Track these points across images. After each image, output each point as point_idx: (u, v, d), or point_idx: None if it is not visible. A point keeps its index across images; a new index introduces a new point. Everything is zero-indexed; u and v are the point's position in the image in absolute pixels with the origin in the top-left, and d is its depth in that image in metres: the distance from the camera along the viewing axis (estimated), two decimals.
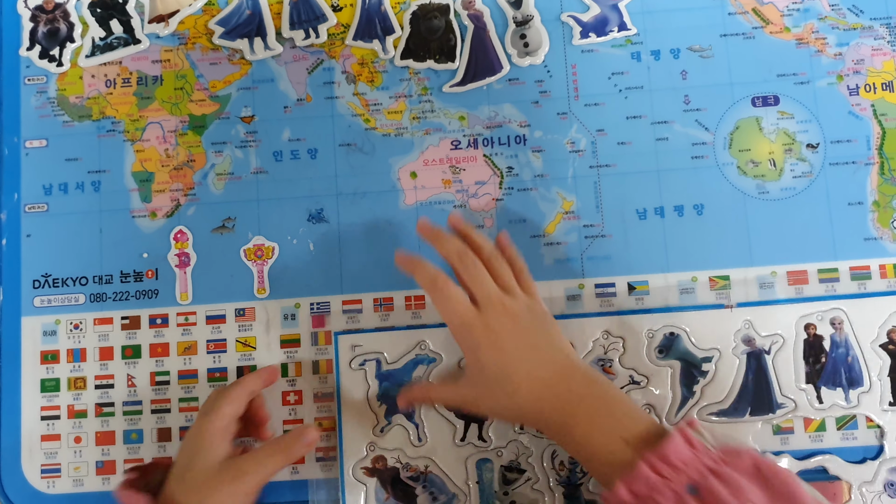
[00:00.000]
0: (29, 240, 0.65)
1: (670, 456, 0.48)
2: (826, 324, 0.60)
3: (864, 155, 0.63)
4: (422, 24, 0.65)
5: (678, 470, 0.47)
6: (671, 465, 0.47)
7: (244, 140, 0.65)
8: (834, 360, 0.60)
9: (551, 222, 0.64)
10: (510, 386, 0.53)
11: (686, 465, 0.47)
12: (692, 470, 0.47)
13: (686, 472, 0.47)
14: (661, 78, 0.65)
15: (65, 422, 0.63)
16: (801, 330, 0.60)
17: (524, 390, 0.53)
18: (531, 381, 0.53)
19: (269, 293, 0.63)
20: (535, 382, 0.53)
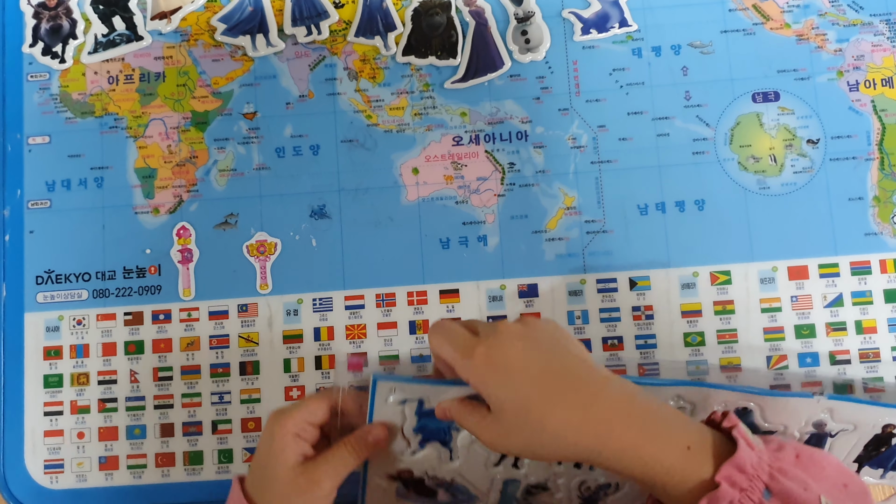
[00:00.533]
0: (32, 236, 0.65)
1: (745, 465, 0.44)
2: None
3: (864, 150, 0.64)
4: (423, 21, 0.66)
5: (752, 478, 0.44)
6: (746, 474, 0.44)
7: (246, 136, 0.65)
8: (892, 451, 0.58)
9: (553, 218, 0.64)
10: (532, 423, 0.46)
11: (757, 470, 0.45)
12: (763, 473, 0.45)
13: (759, 477, 0.44)
14: (661, 74, 0.65)
15: (68, 417, 0.63)
16: (879, 428, 0.57)
17: (552, 425, 0.46)
18: (559, 413, 0.46)
19: (271, 289, 0.64)
20: (564, 413, 0.46)
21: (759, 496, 0.44)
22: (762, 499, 0.44)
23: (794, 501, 0.44)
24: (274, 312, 0.63)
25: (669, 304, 0.62)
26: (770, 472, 0.45)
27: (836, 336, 0.62)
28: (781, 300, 0.62)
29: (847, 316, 0.62)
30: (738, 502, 0.44)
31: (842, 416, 0.57)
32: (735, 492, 0.44)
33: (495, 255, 0.63)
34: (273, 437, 0.52)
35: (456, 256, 0.64)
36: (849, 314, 0.62)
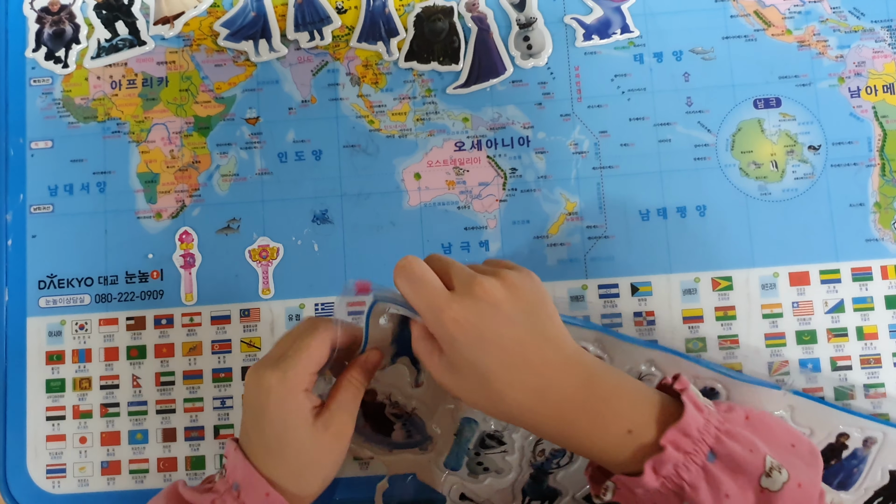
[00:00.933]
0: (34, 240, 0.65)
1: (691, 429, 0.45)
2: (860, 439, 0.58)
3: (865, 156, 0.64)
4: (426, 27, 0.66)
5: (697, 441, 0.45)
6: (691, 437, 0.45)
7: (249, 141, 0.65)
8: (840, 466, 0.58)
9: (554, 223, 0.64)
10: (491, 393, 0.46)
11: (703, 434, 0.45)
12: (708, 436, 0.45)
13: (705, 440, 0.45)
14: (663, 80, 0.65)
15: (70, 422, 0.63)
16: (833, 437, 0.58)
17: (508, 399, 0.46)
18: (516, 391, 0.46)
19: (273, 294, 0.64)
20: (521, 392, 0.46)
21: (702, 459, 0.44)
22: (706, 461, 0.44)
23: (739, 463, 0.44)
24: (276, 317, 0.63)
25: (671, 310, 0.62)
26: (716, 435, 0.45)
27: (837, 342, 0.62)
28: (783, 306, 0.62)
29: (848, 322, 0.62)
30: (682, 465, 0.44)
31: (801, 417, 0.58)
32: (679, 455, 0.44)
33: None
34: (284, 403, 0.48)
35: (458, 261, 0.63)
36: (850, 320, 0.62)
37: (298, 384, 0.48)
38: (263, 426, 0.48)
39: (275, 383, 0.48)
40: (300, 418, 0.48)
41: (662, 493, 0.45)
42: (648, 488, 0.45)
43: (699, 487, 0.44)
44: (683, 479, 0.44)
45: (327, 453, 0.49)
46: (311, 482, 0.49)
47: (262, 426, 0.48)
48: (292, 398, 0.48)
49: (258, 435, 0.49)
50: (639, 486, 0.45)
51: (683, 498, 0.44)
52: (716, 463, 0.45)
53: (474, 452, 0.58)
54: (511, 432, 0.58)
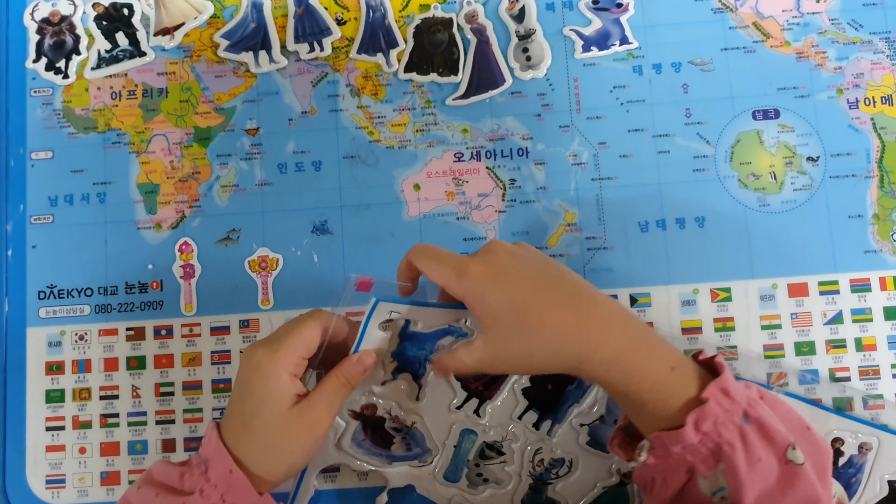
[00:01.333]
0: (34, 251, 0.65)
1: (730, 388, 0.45)
2: (855, 444, 0.59)
3: (863, 168, 0.64)
4: (425, 38, 0.66)
5: (734, 401, 0.45)
6: (730, 397, 0.45)
7: (249, 152, 0.66)
8: (838, 475, 0.59)
9: (554, 234, 0.64)
10: (531, 323, 0.46)
11: (739, 396, 0.45)
12: (742, 400, 0.45)
13: (740, 402, 0.45)
14: (662, 91, 0.65)
15: (69, 432, 0.63)
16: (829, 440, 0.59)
17: (550, 324, 0.46)
18: (556, 312, 0.47)
19: (273, 304, 0.64)
20: (559, 313, 0.47)
21: (738, 419, 0.45)
22: (742, 423, 0.45)
23: (768, 430, 0.45)
24: (275, 328, 0.63)
25: (670, 321, 0.62)
26: (749, 400, 0.45)
27: (835, 353, 0.62)
28: (781, 317, 0.62)
29: (847, 333, 0.62)
30: (721, 422, 0.44)
31: None
32: (720, 410, 0.44)
33: None
34: (267, 378, 0.49)
35: None
36: (848, 331, 0.62)
37: (285, 364, 0.49)
38: (244, 399, 0.50)
39: (263, 359, 0.49)
40: (279, 397, 0.49)
41: (699, 452, 0.45)
42: (688, 443, 0.44)
43: (736, 446, 0.44)
44: (722, 437, 0.44)
45: (297, 439, 0.50)
46: (276, 464, 0.50)
47: (243, 400, 0.50)
48: (276, 377, 0.49)
49: (238, 408, 0.50)
50: (678, 441, 0.44)
51: (719, 458, 0.44)
52: (749, 426, 0.45)
53: (474, 464, 0.58)
54: (510, 443, 0.58)
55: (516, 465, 0.59)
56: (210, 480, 0.49)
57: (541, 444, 0.58)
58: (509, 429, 0.58)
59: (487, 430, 0.58)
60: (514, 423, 0.58)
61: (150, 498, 0.49)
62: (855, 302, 0.62)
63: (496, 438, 0.58)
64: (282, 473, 0.50)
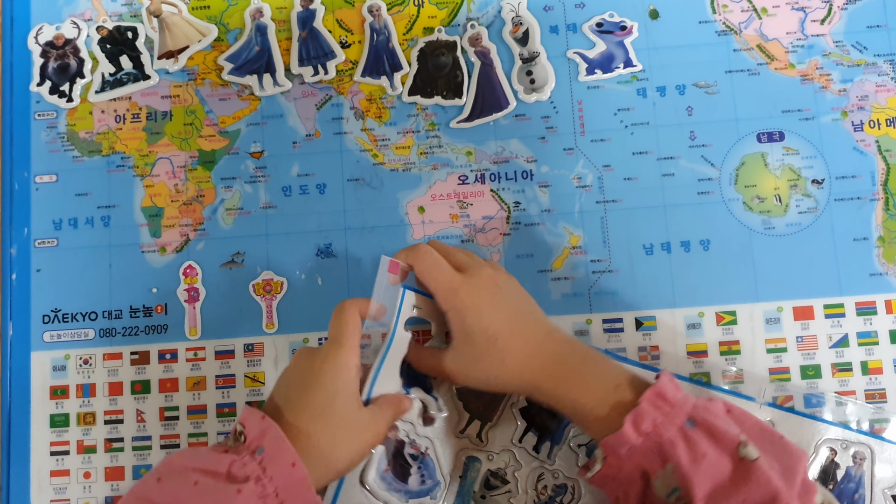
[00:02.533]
0: (39, 274, 0.65)
1: (667, 393, 0.50)
2: (848, 455, 0.59)
3: (868, 190, 0.64)
4: (429, 61, 0.66)
5: (675, 406, 0.49)
6: (668, 401, 0.49)
7: (253, 175, 0.66)
8: (840, 492, 0.58)
9: (558, 257, 0.64)
10: (497, 352, 0.53)
11: (680, 402, 0.50)
12: (686, 405, 0.50)
13: (682, 408, 0.49)
14: (666, 114, 0.65)
15: (74, 457, 0.63)
16: (821, 452, 0.58)
17: (512, 353, 0.53)
18: (518, 344, 0.53)
19: (277, 328, 0.64)
20: (522, 345, 0.53)
21: (681, 422, 0.49)
22: (684, 425, 0.49)
23: (716, 431, 0.48)
24: (280, 352, 0.63)
25: (675, 344, 0.62)
26: (694, 406, 0.50)
27: (841, 377, 0.62)
28: (787, 340, 0.62)
29: (853, 356, 0.62)
30: (660, 423, 0.49)
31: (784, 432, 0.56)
32: (657, 413, 0.49)
33: None
34: (339, 371, 0.51)
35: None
36: (854, 355, 0.62)
37: (353, 357, 0.52)
38: (314, 392, 0.51)
39: (331, 352, 0.52)
40: (352, 390, 0.52)
41: (644, 453, 0.49)
42: (631, 443, 0.49)
43: (678, 444, 0.48)
44: (662, 437, 0.48)
45: (365, 437, 0.52)
46: (342, 455, 0.51)
47: (311, 393, 0.51)
48: (347, 370, 0.52)
49: (304, 401, 0.51)
50: (622, 442, 0.49)
51: (665, 458, 0.48)
52: (695, 429, 0.49)
53: (480, 496, 0.58)
54: (514, 470, 0.58)
55: (521, 494, 0.59)
56: (266, 472, 0.48)
57: (542, 469, 0.59)
58: (510, 452, 0.59)
59: (491, 456, 0.58)
60: (515, 448, 0.59)
61: (184, 487, 0.47)
62: (861, 325, 0.62)
63: (499, 465, 0.58)
64: (343, 464, 0.52)
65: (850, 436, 0.59)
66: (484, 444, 0.59)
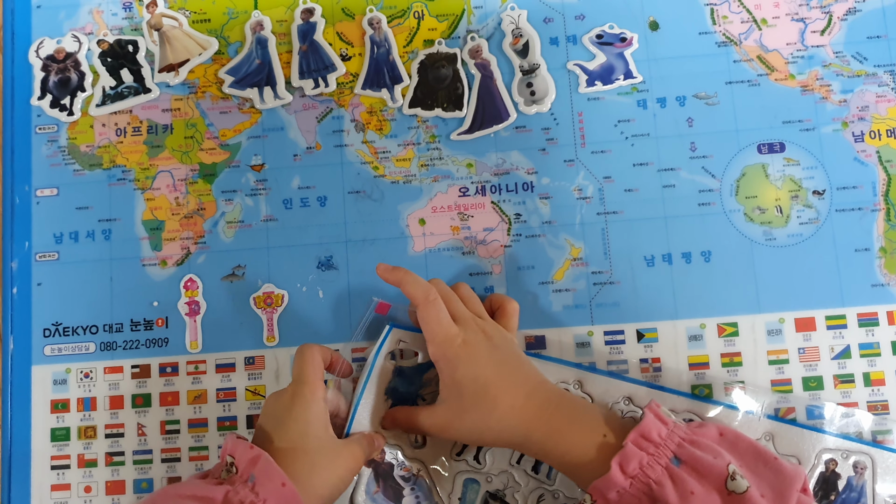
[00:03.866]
0: (40, 288, 0.65)
1: (651, 433, 0.51)
2: (848, 464, 0.59)
3: (870, 201, 0.64)
4: (430, 73, 0.66)
5: (659, 445, 0.50)
6: (652, 441, 0.51)
7: (254, 188, 0.66)
8: (842, 502, 0.58)
9: (560, 269, 0.64)
10: (488, 402, 0.54)
11: (665, 440, 0.51)
12: (671, 443, 0.51)
13: (667, 445, 0.50)
14: (667, 125, 0.65)
15: (75, 471, 0.63)
16: (822, 462, 0.59)
17: (503, 406, 0.54)
18: (508, 397, 0.54)
19: (278, 341, 0.64)
20: (512, 398, 0.54)
21: (666, 461, 0.50)
22: (670, 464, 0.50)
23: (703, 467, 0.49)
24: (281, 365, 0.63)
25: (677, 356, 0.62)
26: (679, 443, 0.51)
27: (843, 388, 0.62)
28: (789, 352, 0.62)
29: (855, 368, 0.62)
30: (646, 464, 0.50)
31: (782, 444, 0.59)
32: (643, 454, 0.50)
33: None
34: (308, 404, 0.53)
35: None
36: (856, 366, 0.62)
37: (318, 390, 0.54)
38: (289, 425, 0.53)
39: (297, 390, 0.54)
40: (323, 419, 0.54)
41: (633, 494, 0.49)
42: (618, 486, 0.49)
43: (665, 484, 0.49)
44: (650, 477, 0.49)
45: (343, 462, 0.54)
46: (323, 483, 0.53)
47: (287, 426, 0.53)
48: (315, 401, 0.54)
49: (283, 434, 0.53)
50: (610, 486, 0.49)
51: (654, 499, 0.49)
52: (681, 467, 0.50)
53: None
54: (513, 491, 0.58)
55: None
56: (259, 496, 0.50)
57: (542, 489, 0.58)
58: (509, 475, 0.59)
59: (489, 478, 0.58)
60: (514, 469, 0.59)
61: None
62: (863, 336, 0.62)
63: (498, 487, 0.58)
64: (325, 492, 0.53)
65: (851, 446, 0.59)
66: (482, 466, 0.59)
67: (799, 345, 0.62)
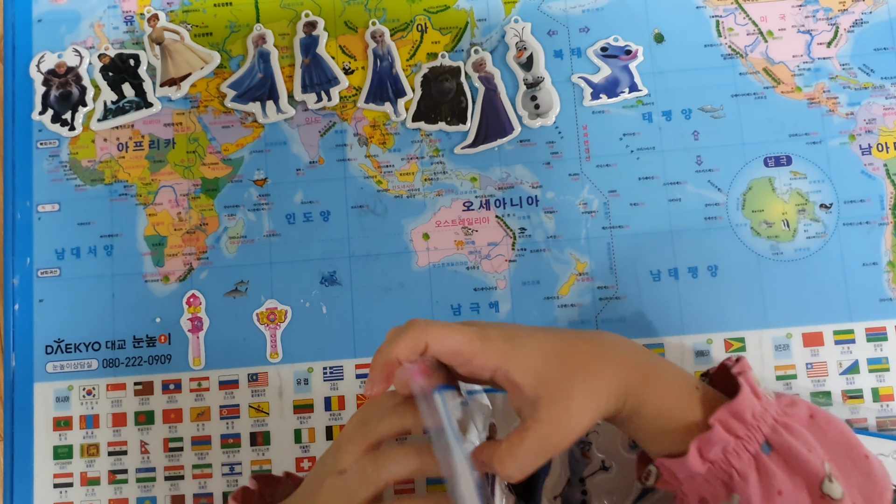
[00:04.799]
0: (41, 305, 0.64)
1: (745, 412, 0.42)
2: None
3: (877, 215, 0.63)
4: (433, 87, 0.66)
5: (751, 427, 0.42)
6: (745, 422, 0.42)
7: (257, 203, 0.65)
8: None
9: (565, 284, 0.63)
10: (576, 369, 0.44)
11: (758, 421, 0.42)
12: (764, 425, 0.42)
13: (760, 428, 0.42)
14: (672, 138, 0.65)
15: (77, 489, 0.62)
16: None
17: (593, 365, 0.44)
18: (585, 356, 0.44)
19: (282, 357, 0.63)
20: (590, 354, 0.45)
21: (756, 447, 0.42)
22: (759, 451, 0.42)
23: (797, 460, 0.41)
24: (284, 382, 0.63)
25: None
26: (773, 426, 0.43)
27: (852, 404, 0.61)
28: (796, 367, 0.62)
29: (863, 383, 0.61)
30: (732, 450, 0.42)
31: None
32: (730, 438, 0.42)
33: (507, 321, 0.63)
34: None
35: None
36: (865, 381, 0.61)
37: None
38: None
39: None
40: None
41: (708, 481, 0.42)
42: (693, 472, 0.42)
43: (749, 478, 0.41)
44: (733, 466, 0.42)
45: None
46: None
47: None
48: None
49: None
50: (681, 469, 0.42)
51: (731, 488, 0.42)
52: (771, 456, 0.42)
53: None
54: None
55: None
56: None
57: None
58: None
59: None
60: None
61: None
62: (871, 351, 0.62)
63: None
64: None
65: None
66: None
67: (807, 360, 0.62)
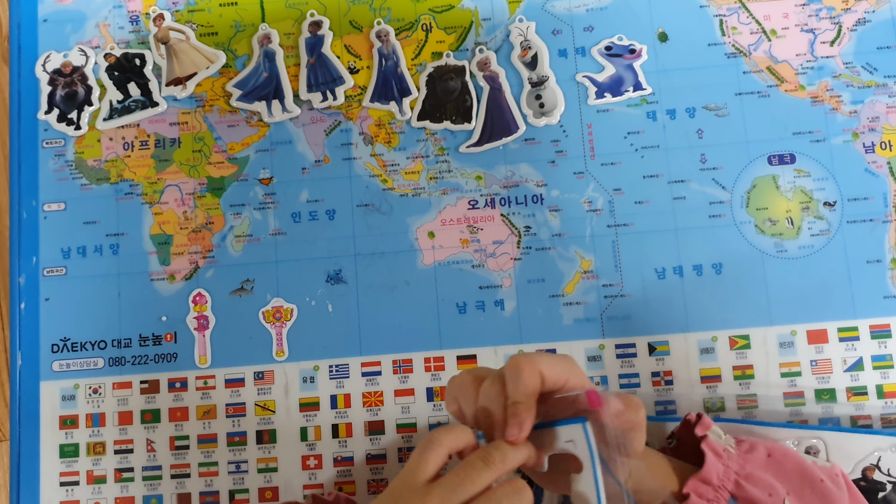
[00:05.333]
0: (47, 303, 0.65)
1: (711, 477, 0.49)
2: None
3: (881, 212, 0.63)
4: (438, 86, 0.66)
5: (718, 489, 0.49)
6: (712, 485, 0.49)
7: (262, 202, 0.65)
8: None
9: (570, 282, 0.64)
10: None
11: (723, 481, 0.49)
12: (728, 482, 0.49)
13: (725, 486, 0.49)
14: (676, 137, 0.65)
15: (84, 487, 0.62)
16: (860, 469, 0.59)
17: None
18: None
19: (287, 356, 0.63)
20: None
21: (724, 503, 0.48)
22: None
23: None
24: (290, 380, 0.63)
25: (689, 369, 0.62)
26: (736, 481, 0.49)
27: (856, 400, 0.61)
28: (801, 364, 0.62)
29: (867, 380, 0.62)
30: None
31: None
32: (703, 501, 0.48)
33: (512, 319, 0.63)
34: None
35: (473, 321, 0.63)
36: (869, 378, 0.62)
37: None
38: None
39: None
40: None
41: None
42: None
43: None
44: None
45: None
46: None
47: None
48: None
49: None
50: None
51: None
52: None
53: None
54: None
55: None
56: None
57: None
58: None
59: None
60: None
61: None
62: (875, 348, 0.62)
63: None
64: None
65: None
66: None
67: (811, 357, 0.62)
